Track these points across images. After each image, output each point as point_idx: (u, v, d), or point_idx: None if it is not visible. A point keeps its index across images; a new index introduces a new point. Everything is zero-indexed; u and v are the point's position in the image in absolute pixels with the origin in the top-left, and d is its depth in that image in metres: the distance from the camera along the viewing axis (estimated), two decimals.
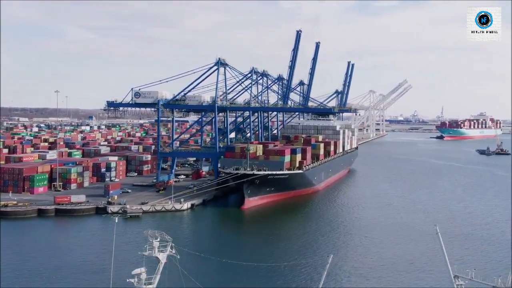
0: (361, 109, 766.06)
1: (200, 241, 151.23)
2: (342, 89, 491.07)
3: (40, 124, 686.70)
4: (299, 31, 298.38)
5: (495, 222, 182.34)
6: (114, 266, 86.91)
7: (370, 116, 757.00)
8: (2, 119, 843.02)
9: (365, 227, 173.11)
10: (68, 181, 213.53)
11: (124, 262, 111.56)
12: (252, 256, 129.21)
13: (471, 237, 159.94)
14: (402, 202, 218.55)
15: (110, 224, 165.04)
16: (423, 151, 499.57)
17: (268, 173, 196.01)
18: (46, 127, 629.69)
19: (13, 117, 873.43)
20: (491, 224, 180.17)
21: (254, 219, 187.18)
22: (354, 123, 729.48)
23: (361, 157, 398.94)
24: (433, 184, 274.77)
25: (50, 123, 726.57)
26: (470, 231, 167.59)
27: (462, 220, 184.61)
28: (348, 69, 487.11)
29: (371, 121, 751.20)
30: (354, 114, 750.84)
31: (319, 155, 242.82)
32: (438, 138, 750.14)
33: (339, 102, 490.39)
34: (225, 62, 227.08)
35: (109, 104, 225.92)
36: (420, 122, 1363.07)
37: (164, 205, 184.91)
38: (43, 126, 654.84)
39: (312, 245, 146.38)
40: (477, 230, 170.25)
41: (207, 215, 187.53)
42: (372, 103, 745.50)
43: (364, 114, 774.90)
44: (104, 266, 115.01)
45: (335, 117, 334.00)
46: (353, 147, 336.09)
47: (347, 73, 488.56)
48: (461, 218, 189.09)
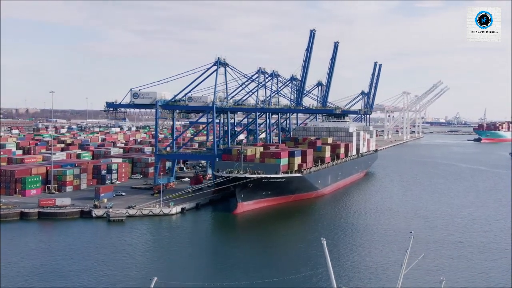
0: (396, 110, 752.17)
1: (179, 254, 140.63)
2: (368, 91, 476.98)
3: (72, 126, 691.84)
4: (313, 30, 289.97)
5: (493, 231, 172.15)
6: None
7: (404, 118, 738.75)
8: (39, 120, 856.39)
9: (354, 232, 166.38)
10: (63, 183, 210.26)
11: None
12: (239, 275, 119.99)
13: (461, 245, 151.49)
14: (404, 207, 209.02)
15: (91, 229, 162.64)
16: (454, 154, 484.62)
17: (262, 177, 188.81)
18: (77, 129, 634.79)
19: (52, 119, 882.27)
20: (488, 232, 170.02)
21: (245, 225, 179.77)
22: (386, 124, 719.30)
23: (384, 160, 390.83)
24: (448, 188, 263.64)
25: (84, 125, 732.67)
26: (462, 239, 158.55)
27: (457, 227, 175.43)
28: (374, 69, 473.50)
29: (404, 123, 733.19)
30: (388, 116, 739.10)
31: (325, 158, 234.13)
32: (475, 140, 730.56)
33: (365, 103, 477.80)
34: (225, 62, 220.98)
35: (108, 105, 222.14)
36: (462, 125, 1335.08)
37: (152, 209, 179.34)
38: (74, 128, 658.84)
39: (303, 256, 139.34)
40: (468, 238, 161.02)
41: (196, 220, 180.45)
42: (406, 104, 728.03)
43: (398, 116, 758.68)
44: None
45: (352, 118, 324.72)
46: (371, 149, 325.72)
47: (373, 74, 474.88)
48: (457, 225, 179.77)
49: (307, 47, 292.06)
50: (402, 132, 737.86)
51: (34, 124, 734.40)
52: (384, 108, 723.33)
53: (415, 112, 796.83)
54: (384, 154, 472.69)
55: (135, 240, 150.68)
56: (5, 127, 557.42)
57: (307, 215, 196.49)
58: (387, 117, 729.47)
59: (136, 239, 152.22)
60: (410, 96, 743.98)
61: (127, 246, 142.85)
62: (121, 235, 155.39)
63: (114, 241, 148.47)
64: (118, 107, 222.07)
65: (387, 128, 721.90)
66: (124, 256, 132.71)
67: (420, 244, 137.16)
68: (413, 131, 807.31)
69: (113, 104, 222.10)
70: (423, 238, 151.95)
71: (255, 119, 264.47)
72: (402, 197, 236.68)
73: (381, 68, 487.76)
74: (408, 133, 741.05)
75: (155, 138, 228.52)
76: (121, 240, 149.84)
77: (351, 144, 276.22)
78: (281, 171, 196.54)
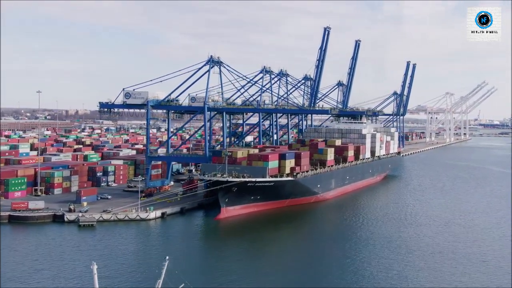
0: (439, 112, 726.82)
1: (123, 263, 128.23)
2: (401, 91, 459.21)
3: (111, 127, 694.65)
4: (327, 28, 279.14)
5: (488, 240, 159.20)
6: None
7: (447, 119, 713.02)
8: (86, 122, 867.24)
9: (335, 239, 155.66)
10: (51, 185, 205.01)
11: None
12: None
13: (446, 252, 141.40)
14: (404, 213, 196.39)
15: (56, 234, 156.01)
16: (492, 157, 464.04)
17: (246, 180, 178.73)
18: (115, 130, 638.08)
19: (99, 120, 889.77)
20: (480, 241, 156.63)
21: (226, 232, 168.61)
22: (429, 126, 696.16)
23: (413, 163, 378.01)
24: (465, 193, 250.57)
25: (126, 126, 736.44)
26: (450, 247, 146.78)
27: (449, 235, 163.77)
28: (407, 69, 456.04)
29: (447, 125, 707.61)
30: (431, 117, 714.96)
31: (326, 160, 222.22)
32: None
33: (398, 105, 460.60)
34: (220, 61, 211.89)
35: (101, 105, 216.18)
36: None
37: (128, 214, 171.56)
38: (113, 129, 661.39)
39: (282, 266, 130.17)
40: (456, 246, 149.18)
41: (174, 226, 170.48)
42: (449, 106, 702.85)
43: (443, 118, 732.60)
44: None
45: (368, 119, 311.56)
46: (391, 152, 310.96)
47: (406, 74, 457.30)
48: (451, 233, 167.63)
49: (321, 45, 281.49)
50: (445, 134, 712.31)
51: (76, 125, 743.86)
52: (426, 109, 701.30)
53: (461, 113, 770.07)
54: (418, 156, 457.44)
55: (87, 246, 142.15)
56: (39, 127, 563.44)
57: (299, 221, 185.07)
58: (429, 118, 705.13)
59: (88, 245, 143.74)
60: (455, 97, 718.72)
61: (71, 254, 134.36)
62: (82, 241, 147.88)
63: (65, 249, 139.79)
64: (110, 107, 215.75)
65: (430, 130, 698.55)
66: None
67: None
68: (458, 133, 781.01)
69: (106, 104, 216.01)
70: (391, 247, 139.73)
71: (259, 120, 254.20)
72: (411, 202, 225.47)
73: (415, 68, 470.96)
74: (452, 135, 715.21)
75: (146, 139, 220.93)
76: (71, 246, 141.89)
77: (364, 146, 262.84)
78: (269, 174, 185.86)
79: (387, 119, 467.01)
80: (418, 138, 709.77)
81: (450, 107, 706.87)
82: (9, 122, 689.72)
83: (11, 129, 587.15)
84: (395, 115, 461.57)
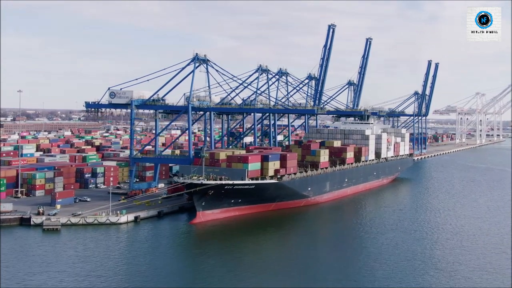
0: (471, 112, 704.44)
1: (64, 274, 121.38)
2: (422, 91, 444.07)
3: (137, 128, 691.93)
4: (332, 26, 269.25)
5: (466, 248, 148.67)
6: None
7: (478, 120, 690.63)
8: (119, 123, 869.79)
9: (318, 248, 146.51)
10: (33, 187, 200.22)
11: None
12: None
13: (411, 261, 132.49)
14: (390, 219, 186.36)
15: (19, 237, 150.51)
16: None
17: (222, 183, 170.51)
18: (140, 130, 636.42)
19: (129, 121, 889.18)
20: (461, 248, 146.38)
21: (200, 238, 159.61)
22: (459, 127, 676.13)
23: (430, 165, 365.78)
24: (470, 197, 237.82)
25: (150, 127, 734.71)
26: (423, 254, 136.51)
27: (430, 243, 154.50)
28: (428, 68, 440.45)
29: (478, 126, 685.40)
30: (461, 118, 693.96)
31: (319, 162, 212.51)
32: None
33: (419, 105, 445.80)
34: (206, 59, 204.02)
35: (87, 105, 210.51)
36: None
37: (97, 218, 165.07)
38: (139, 130, 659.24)
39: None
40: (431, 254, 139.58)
41: (144, 231, 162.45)
42: (479, 106, 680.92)
43: (475, 118, 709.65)
44: None
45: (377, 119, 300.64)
46: (401, 154, 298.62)
47: (427, 73, 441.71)
48: (433, 240, 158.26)
49: (325, 43, 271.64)
50: (476, 135, 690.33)
51: (106, 126, 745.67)
52: (456, 110, 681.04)
53: (494, 114, 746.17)
54: (440, 159, 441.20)
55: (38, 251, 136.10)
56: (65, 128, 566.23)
57: (284, 226, 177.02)
58: (459, 119, 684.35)
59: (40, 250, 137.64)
60: (486, 97, 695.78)
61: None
62: (32, 246, 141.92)
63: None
64: (95, 107, 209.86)
65: (460, 131, 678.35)
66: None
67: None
68: (490, 134, 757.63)
69: (91, 104, 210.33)
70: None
71: (254, 120, 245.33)
72: (410, 206, 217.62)
73: (437, 68, 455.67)
74: (484, 137, 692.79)
75: (130, 140, 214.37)
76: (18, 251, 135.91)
77: (366, 147, 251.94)
78: (249, 176, 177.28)
79: (406, 120, 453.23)
80: (449, 140, 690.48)
81: (481, 107, 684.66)
82: (36, 123, 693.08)
83: (36, 130, 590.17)
84: (416, 115, 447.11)
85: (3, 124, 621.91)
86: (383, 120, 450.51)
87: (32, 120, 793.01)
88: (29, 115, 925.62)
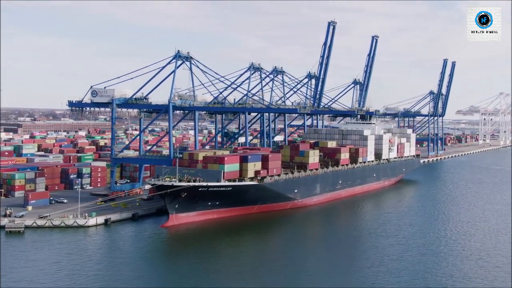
0: (495, 112, 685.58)
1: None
2: (438, 91, 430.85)
3: (156, 128, 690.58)
4: (332, 23, 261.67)
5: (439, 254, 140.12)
6: None
7: (502, 121, 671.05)
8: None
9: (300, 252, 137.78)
10: (12, 188, 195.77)
11: None
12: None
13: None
14: (375, 223, 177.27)
15: None
16: None
17: (196, 185, 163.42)
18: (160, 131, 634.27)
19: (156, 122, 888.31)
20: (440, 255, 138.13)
21: (170, 243, 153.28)
22: (482, 128, 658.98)
23: (443, 166, 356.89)
24: (475, 199, 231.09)
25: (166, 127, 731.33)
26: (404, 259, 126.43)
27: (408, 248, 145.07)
28: (444, 67, 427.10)
29: (502, 126, 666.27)
30: (484, 118, 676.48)
31: (308, 164, 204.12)
32: None
33: (435, 105, 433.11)
34: (189, 56, 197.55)
35: (70, 104, 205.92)
36: None
37: (64, 220, 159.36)
38: (158, 129, 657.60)
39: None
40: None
41: (112, 235, 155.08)
42: (503, 106, 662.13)
43: (500, 119, 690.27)
44: None
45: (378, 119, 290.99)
46: (406, 155, 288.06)
47: (443, 72, 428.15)
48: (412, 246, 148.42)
49: (325, 41, 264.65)
50: (500, 136, 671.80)
51: (126, 127, 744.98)
52: (479, 110, 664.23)
53: None
54: (455, 160, 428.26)
55: None
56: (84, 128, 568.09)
57: (264, 229, 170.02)
58: (482, 119, 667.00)
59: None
60: (510, 98, 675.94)
61: None
62: None
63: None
64: (77, 106, 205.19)
65: (483, 131, 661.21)
66: None
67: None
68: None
69: (74, 103, 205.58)
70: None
71: (245, 118, 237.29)
72: (401, 208, 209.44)
73: (454, 66, 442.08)
74: (509, 138, 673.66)
75: (111, 140, 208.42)
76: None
77: (364, 148, 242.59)
78: (226, 178, 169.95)
79: (421, 120, 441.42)
80: (473, 140, 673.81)
81: (505, 107, 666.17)
82: (56, 123, 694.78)
83: (55, 130, 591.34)
84: (432, 116, 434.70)
85: (21, 124, 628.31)
86: (398, 120, 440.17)
87: (57, 120, 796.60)
88: (55, 115, 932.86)
